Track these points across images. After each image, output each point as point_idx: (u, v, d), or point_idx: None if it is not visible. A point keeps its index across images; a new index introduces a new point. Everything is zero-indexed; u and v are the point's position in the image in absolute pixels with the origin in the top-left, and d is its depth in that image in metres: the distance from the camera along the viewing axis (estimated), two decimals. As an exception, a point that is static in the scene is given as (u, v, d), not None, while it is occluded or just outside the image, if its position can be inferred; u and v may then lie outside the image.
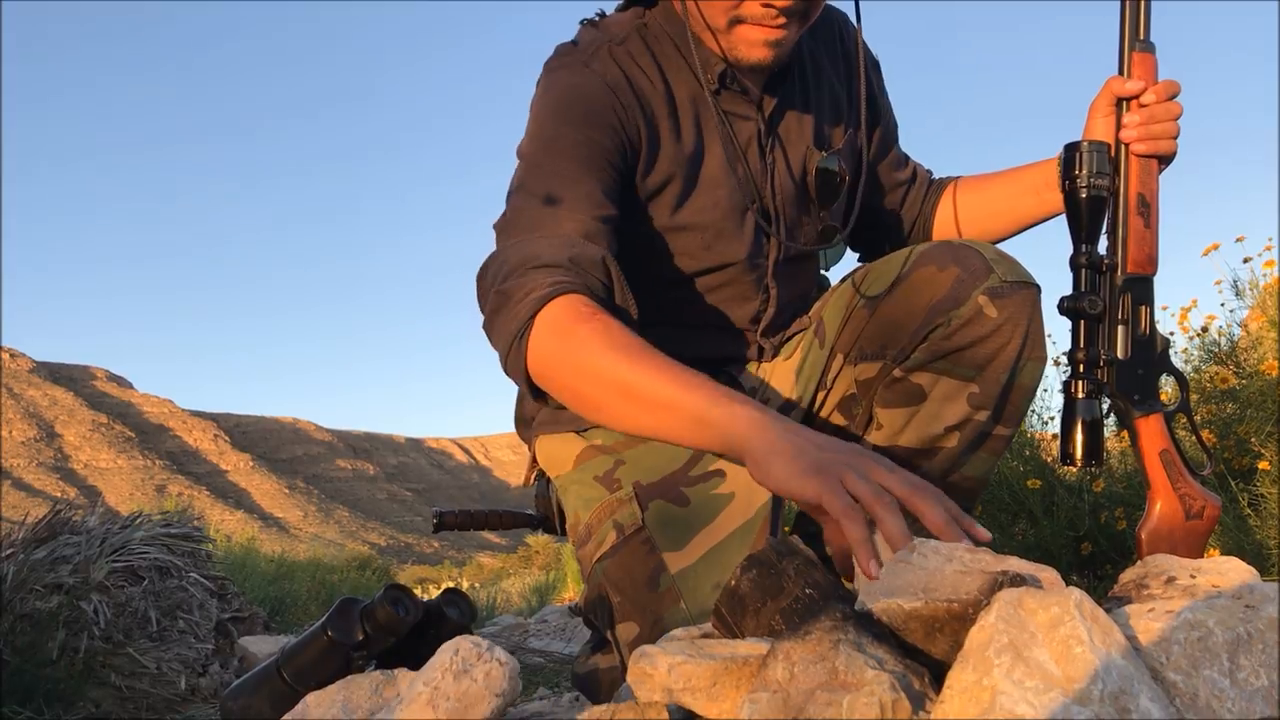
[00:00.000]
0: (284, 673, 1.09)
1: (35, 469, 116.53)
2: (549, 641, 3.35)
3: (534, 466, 1.62)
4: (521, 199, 1.32)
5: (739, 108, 1.46)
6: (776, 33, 1.35)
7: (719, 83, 1.43)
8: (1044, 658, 0.62)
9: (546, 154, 1.34)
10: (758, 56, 1.37)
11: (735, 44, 1.37)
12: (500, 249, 1.28)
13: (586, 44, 1.43)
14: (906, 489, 0.91)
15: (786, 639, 0.74)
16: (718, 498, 1.41)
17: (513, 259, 1.23)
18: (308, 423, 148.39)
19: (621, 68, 1.40)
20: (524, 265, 1.22)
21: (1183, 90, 1.34)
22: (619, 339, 1.13)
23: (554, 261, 1.21)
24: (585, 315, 1.15)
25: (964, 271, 1.36)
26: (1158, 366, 1.32)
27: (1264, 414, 2.27)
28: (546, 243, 1.24)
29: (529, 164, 1.35)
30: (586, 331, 1.14)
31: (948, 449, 1.43)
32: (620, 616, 1.39)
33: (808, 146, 1.50)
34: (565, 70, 1.41)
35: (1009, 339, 1.36)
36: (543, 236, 1.25)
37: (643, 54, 1.43)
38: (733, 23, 1.35)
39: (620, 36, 1.43)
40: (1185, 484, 1.31)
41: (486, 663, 0.81)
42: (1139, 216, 1.32)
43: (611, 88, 1.38)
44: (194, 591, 2.68)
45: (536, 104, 1.41)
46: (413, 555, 75.17)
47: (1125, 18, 1.33)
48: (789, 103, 1.51)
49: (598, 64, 1.39)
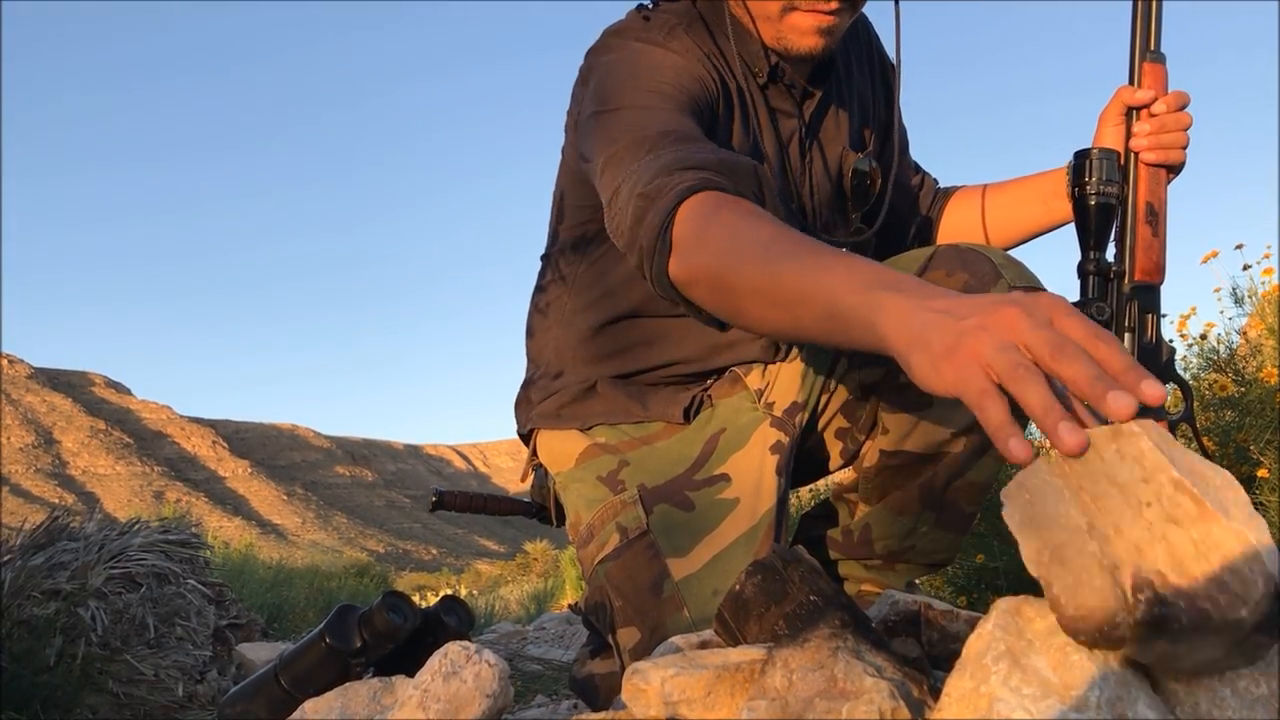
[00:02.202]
0: (282, 679, 1.08)
1: (33, 475, 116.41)
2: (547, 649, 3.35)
3: (533, 459, 1.61)
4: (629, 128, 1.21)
5: (783, 104, 1.46)
6: (828, 19, 1.34)
7: (768, 76, 1.43)
8: (1041, 665, 0.62)
9: (661, 101, 1.26)
10: (809, 45, 1.36)
11: (786, 32, 1.37)
12: (629, 170, 1.15)
13: (659, 24, 1.39)
14: (1049, 348, 0.72)
15: (785, 646, 0.74)
16: (722, 503, 1.40)
17: (652, 167, 1.12)
18: (306, 429, 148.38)
19: (699, 47, 1.37)
20: (669, 168, 1.10)
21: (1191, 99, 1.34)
22: (762, 229, 0.99)
23: (702, 164, 1.10)
24: (729, 203, 1.04)
25: (972, 277, 1.36)
26: (1163, 375, 1.33)
27: (1263, 421, 2.27)
28: (690, 148, 1.14)
29: (645, 111, 1.24)
30: (729, 218, 1.02)
31: (954, 454, 1.43)
32: (621, 621, 1.38)
33: (844, 148, 1.51)
34: (641, 43, 1.35)
35: None
36: (680, 146, 1.15)
37: (706, 40, 1.41)
38: (786, 10, 1.35)
39: (685, 23, 1.40)
40: (1188, 492, 1.30)
41: (475, 664, 0.81)
42: (1147, 225, 1.33)
43: (699, 59, 1.34)
44: (192, 598, 2.67)
45: (620, 67, 1.32)
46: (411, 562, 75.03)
47: (1136, 28, 1.34)
48: (829, 102, 1.51)
49: (676, 43, 1.36)
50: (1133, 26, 1.34)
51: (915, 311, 0.80)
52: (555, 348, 1.56)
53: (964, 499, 1.47)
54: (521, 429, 1.60)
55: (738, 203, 1.05)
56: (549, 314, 1.58)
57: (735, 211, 1.03)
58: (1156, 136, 1.32)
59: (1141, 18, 1.33)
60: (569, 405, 1.52)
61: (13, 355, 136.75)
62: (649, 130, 1.19)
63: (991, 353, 0.73)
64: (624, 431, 1.49)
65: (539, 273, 1.62)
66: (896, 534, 1.49)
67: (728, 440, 1.45)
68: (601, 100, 1.29)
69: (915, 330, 0.79)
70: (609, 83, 1.31)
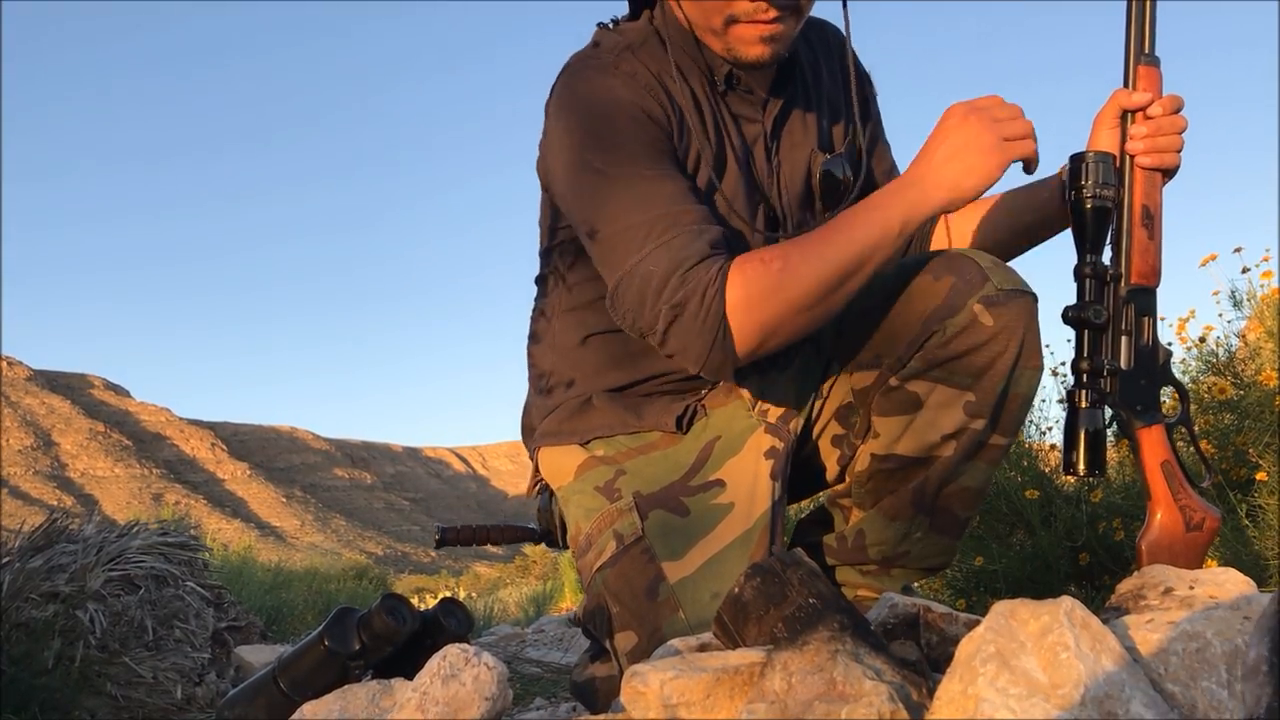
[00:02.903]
0: (281, 682, 1.09)
1: (32, 477, 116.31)
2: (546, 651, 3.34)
3: (536, 477, 1.61)
4: (624, 211, 1.32)
5: (745, 110, 1.48)
6: (771, 28, 1.36)
7: (725, 84, 1.45)
8: (1031, 665, 0.63)
9: (621, 158, 1.34)
10: (756, 54, 1.39)
11: (733, 44, 1.39)
12: (632, 266, 1.30)
13: (609, 48, 1.44)
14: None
15: (784, 649, 0.74)
16: (717, 508, 1.41)
17: (658, 272, 1.28)
18: (305, 432, 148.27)
19: (647, 67, 1.41)
20: (677, 271, 1.28)
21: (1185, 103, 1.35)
22: (797, 260, 1.27)
23: (700, 255, 1.28)
24: (760, 270, 1.27)
25: (960, 280, 1.36)
26: (1159, 378, 1.33)
27: (1262, 425, 2.27)
28: (681, 243, 1.29)
29: (612, 178, 1.34)
30: (778, 277, 1.26)
31: (945, 457, 1.43)
32: (619, 626, 1.38)
33: (812, 149, 1.52)
34: (595, 72, 1.41)
35: (1005, 347, 1.36)
36: (673, 239, 1.29)
37: (661, 56, 1.43)
38: (728, 22, 1.37)
39: (638, 41, 1.45)
40: (1186, 495, 1.31)
41: (474, 667, 0.81)
42: (1143, 228, 1.33)
43: (645, 87, 1.39)
44: (190, 600, 2.67)
45: (575, 110, 1.40)
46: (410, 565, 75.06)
47: (1130, 31, 1.35)
48: (793, 105, 1.52)
49: (625, 65, 1.41)
50: (1126, 30, 1.35)
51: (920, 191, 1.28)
52: (552, 356, 1.57)
53: (957, 504, 1.47)
54: (529, 450, 1.62)
55: (764, 263, 1.27)
56: (543, 321, 1.59)
57: (763, 260, 1.27)
58: (1153, 139, 1.33)
59: (1135, 21, 1.34)
60: (567, 421, 1.53)
61: (11, 357, 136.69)
62: (637, 216, 1.31)
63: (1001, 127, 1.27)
64: (620, 443, 1.50)
65: (537, 278, 1.64)
66: (890, 539, 1.50)
67: (722, 447, 1.46)
68: (577, 152, 1.37)
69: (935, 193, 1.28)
70: (579, 135, 1.37)
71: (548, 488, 1.59)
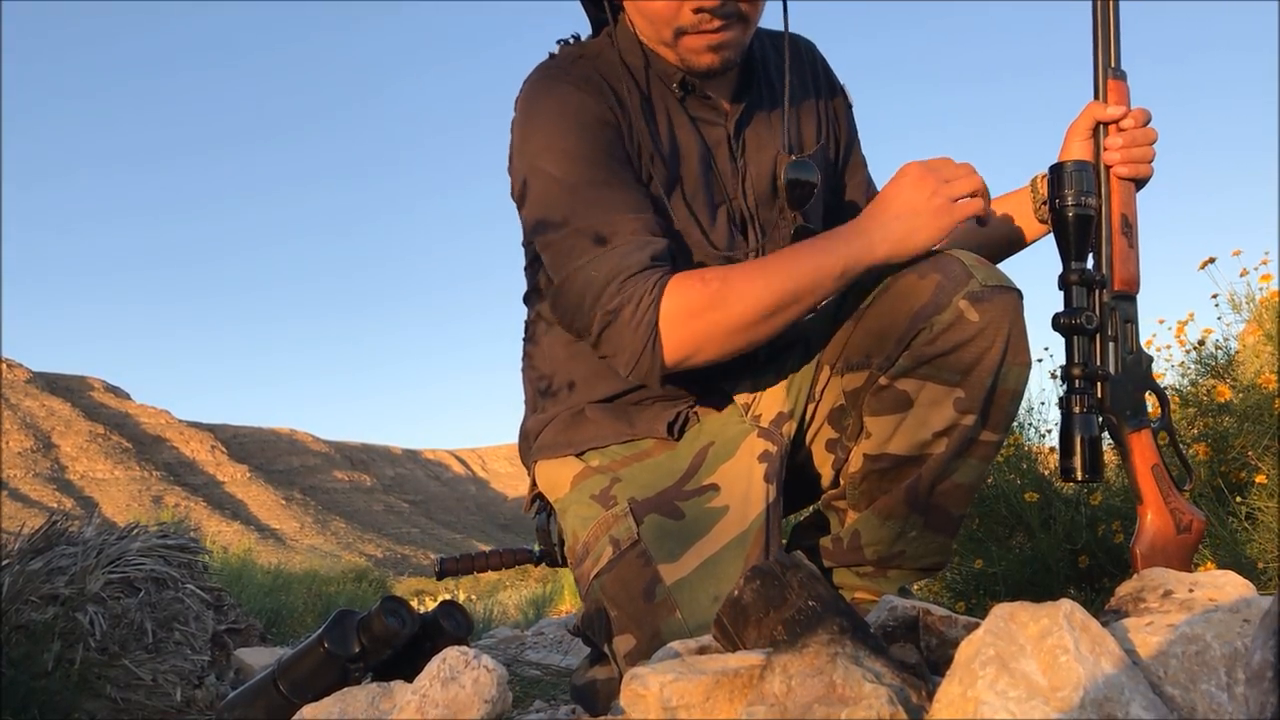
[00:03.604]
0: (280, 685, 1.08)
1: (32, 479, 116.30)
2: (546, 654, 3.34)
3: (534, 491, 1.62)
4: (573, 216, 1.38)
5: (706, 114, 1.52)
6: (717, 36, 1.41)
7: (681, 89, 1.49)
8: (1030, 668, 0.63)
9: (572, 164, 1.39)
10: (706, 62, 1.43)
11: (684, 54, 1.43)
12: (576, 268, 1.37)
13: (563, 57, 1.50)
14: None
15: (784, 652, 0.74)
16: (712, 511, 1.41)
17: (599, 278, 1.35)
18: (305, 434, 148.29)
19: (600, 73, 1.46)
20: (616, 278, 1.35)
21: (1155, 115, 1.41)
22: (735, 285, 1.33)
23: (641, 266, 1.35)
24: (697, 288, 1.33)
25: (944, 277, 1.37)
26: (1144, 383, 1.35)
27: (1261, 428, 2.27)
28: (623, 251, 1.35)
29: (562, 183, 1.39)
30: (713, 298, 1.33)
31: (936, 455, 1.43)
32: (617, 629, 1.39)
33: (777, 151, 1.54)
34: (549, 80, 1.45)
35: (991, 343, 1.38)
36: (616, 247, 1.36)
37: (617, 66, 1.48)
38: (677, 34, 1.41)
39: (594, 53, 1.50)
40: (1175, 498, 1.33)
41: (474, 670, 0.82)
42: (1123, 236, 1.36)
43: (595, 89, 1.43)
44: (190, 603, 2.67)
45: (530, 118, 1.45)
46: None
47: (1098, 47, 1.39)
48: (756, 109, 1.56)
49: (576, 70, 1.45)
50: (1094, 45, 1.40)
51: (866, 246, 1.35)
52: (549, 362, 1.58)
53: (951, 501, 1.48)
54: (527, 465, 1.62)
55: (704, 282, 1.33)
56: (541, 324, 1.61)
57: (702, 279, 1.34)
58: (1128, 150, 1.38)
59: (1102, 36, 1.39)
60: (562, 433, 1.55)
61: (11, 359, 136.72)
62: (586, 221, 1.37)
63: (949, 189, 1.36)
64: (615, 452, 1.51)
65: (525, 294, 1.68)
66: (886, 539, 1.50)
67: (716, 452, 1.47)
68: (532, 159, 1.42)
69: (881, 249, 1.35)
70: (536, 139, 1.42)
71: (546, 507, 1.60)
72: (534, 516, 1.64)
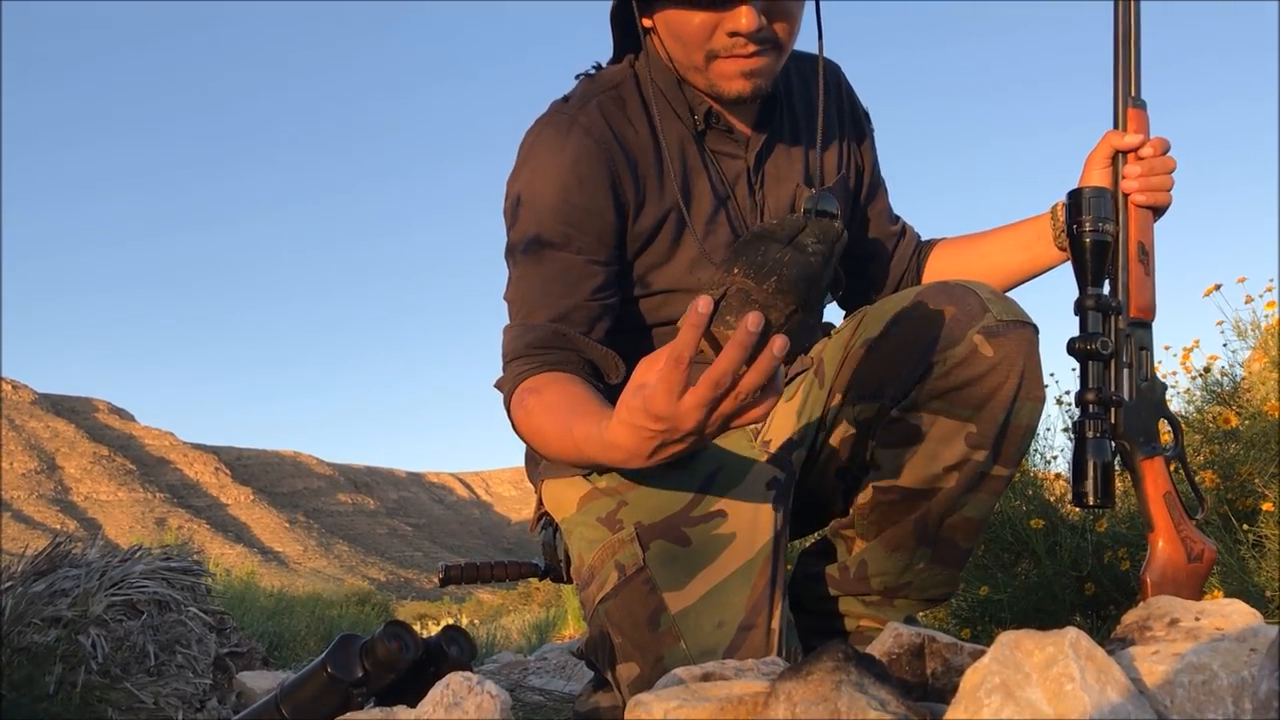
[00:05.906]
0: (283, 709, 1.08)
1: (35, 501, 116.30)
2: (549, 679, 3.33)
3: (540, 509, 1.61)
4: (513, 281, 1.46)
5: (726, 147, 1.50)
6: (751, 62, 1.38)
7: (704, 122, 1.47)
8: (1036, 697, 0.62)
9: (532, 234, 1.42)
10: (738, 89, 1.41)
11: (715, 79, 1.41)
12: (505, 330, 1.46)
13: (577, 98, 1.48)
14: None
15: (788, 679, 0.74)
16: (719, 538, 1.40)
17: (504, 348, 1.44)
18: (309, 456, 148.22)
19: (608, 120, 1.44)
20: (508, 355, 1.43)
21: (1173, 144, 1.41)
22: (537, 417, 1.35)
23: (516, 354, 1.41)
24: (520, 401, 1.37)
25: (960, 311, 1.37)
26: (1158, 410, 1.35)
27: (1267, 455, 2.26)
28: (515, 334, 1.42)
29: (514, 247, 1.45)
30: (521, 413, 1.37)
31: (946, 489, 1.43)
32: (621, 657, 1.38)
33: (797, 184, 1.53)
34: (552, 130, 1.45)
35: (1005, 378, 1.37)
36: (523, 326, 1.42)
37: (633, 100, 1.47)
38: (709, 58, 1.39)
39: (612, 84, 1.48)
40: (1186, 526, 1.32)
41: (477, 695, 0.81)
42: (1140, 264, 1.36)
43: (598, 142, 1.42)
44: (193, 626, 2.67)
45: (519, 176, 1.46)
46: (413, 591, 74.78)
47: (1118, 76, 1.40)
48: (777, 140, 1.54)
49: (584, 118, 1.43)
50: (1115, 75, 1.40)
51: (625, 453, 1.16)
52: None
53: (959, 535, 1.47)
54: (533, 483, 1.62)
55: (522, 402, 1.37)
56: None
57: (525, 407, 1.36)
58: (1146, 179, 1.38)
59: (1123, 66, 1.39)
60: None
61: (16, 381, 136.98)
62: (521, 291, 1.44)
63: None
64: (622, 474, 1.49)
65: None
66: (893, 570, 1.49)
67: (724, 478, 1.45)
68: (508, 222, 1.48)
69: (628, 460, 1.17)
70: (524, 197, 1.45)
71: (552, 523, 1.59)
72: (539, 533, 1.63)
